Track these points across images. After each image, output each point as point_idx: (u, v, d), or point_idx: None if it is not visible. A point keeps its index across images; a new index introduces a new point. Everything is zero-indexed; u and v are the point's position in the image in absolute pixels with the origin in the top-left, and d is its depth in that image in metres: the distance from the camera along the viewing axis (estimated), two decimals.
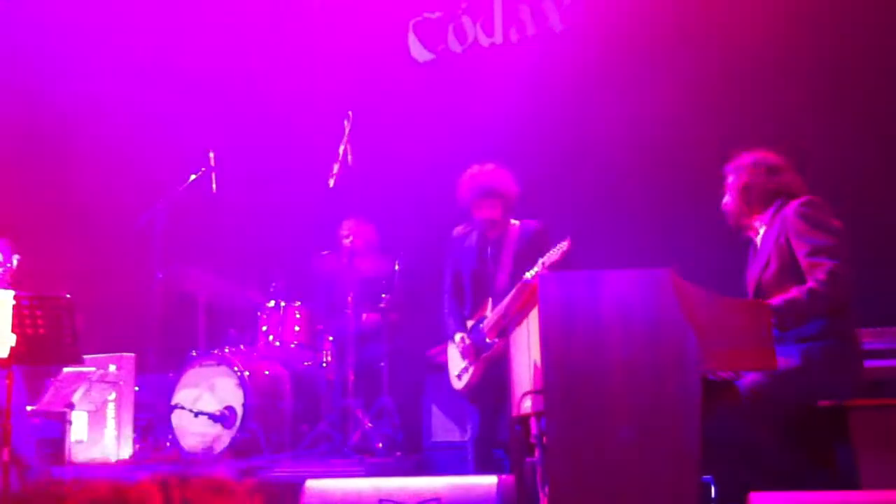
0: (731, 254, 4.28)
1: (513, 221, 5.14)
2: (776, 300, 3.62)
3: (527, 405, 3.59)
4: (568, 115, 6.85)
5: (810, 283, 3.64)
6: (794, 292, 3.64)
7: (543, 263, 4.45)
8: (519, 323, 3.90)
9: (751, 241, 4.10)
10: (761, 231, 4.01)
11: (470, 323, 5.07)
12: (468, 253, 5.18)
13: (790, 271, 3.77)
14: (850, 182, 5.73)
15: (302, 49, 8.04)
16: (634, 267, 3.31)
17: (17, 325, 4.89)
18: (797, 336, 3.69)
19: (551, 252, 4.42)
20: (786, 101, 6.15)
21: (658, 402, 3.14)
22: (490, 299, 4.97)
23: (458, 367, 5.05)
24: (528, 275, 4.53)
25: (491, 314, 4.90)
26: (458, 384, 5.05)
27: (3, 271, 6.32)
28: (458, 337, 5.06)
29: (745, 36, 6.34)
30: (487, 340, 4.88)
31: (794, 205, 3.86)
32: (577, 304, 3.24)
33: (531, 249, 4.77)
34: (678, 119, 6.39)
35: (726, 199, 4.11)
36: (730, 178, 4.11)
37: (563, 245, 4.40)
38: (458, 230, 5.32)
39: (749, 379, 3.64)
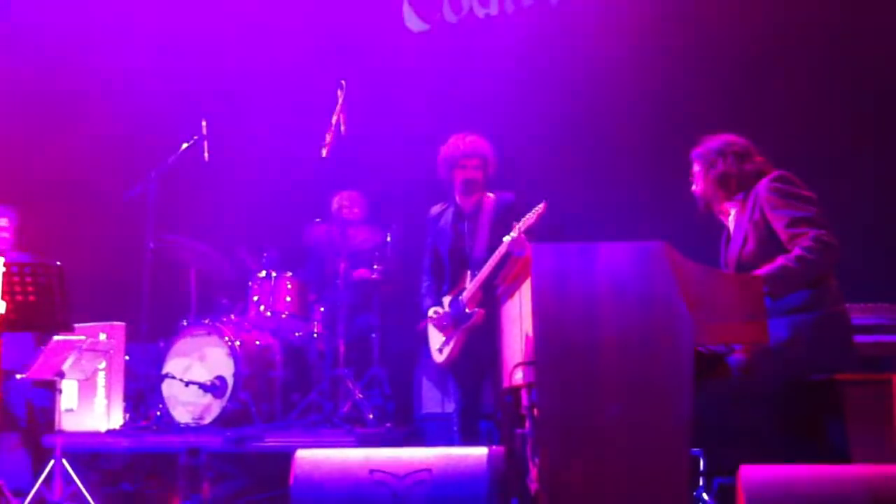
0: (719, 231, 4.28)
1: (489, 195, 5.15)
2: (764, 269, 3.62)
3: (518, 376, 3.59)
4: (562, 87, 6.81)
5: (797, 251, 3.63)
6: (782, 260, 3.64)
7: (520, 228, 4.46)
8: (511, 295, 3.89)
9: (723, 226, 4.10)
10: (732, 213, 4.01)
11: (447, 298, 5.09)
12: (444, 229, 5.23)
13: (770, 245, 3.76)
14: (839, 158, 5.74)
15: (296, 18, 7.96)
16: (626, 240, 3.29)
17: (7, 293, 4.88)
18: (784, 308, 3.69)
19: (528, 215, 4.44)
20: (778, 81, 6.15)
21: (649, 375, 3.14)
22: (468, 272, 5.00)
23: (437, 341, 5.09)
24: (505, 239, 4.56)
25: (469, 285, 4.92)
26: (440, 357, 5.08)
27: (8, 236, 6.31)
28: (431, 311, 5.12)
29: (742, 13, 6.31)
30: (467, 311, 4.90)
31: (764, 182, 3.85)
32: (571, 276, 3.23)
33: (507, 220, 4.78)
34: (673, 93, 6.38)
35: (696, 185, 4.10)
36: (697, 167, 4.09)
37: (539, 208, 4.42)
38: (434, 209, 5.37)
39: (740, 353, 3.64)
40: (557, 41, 6.97)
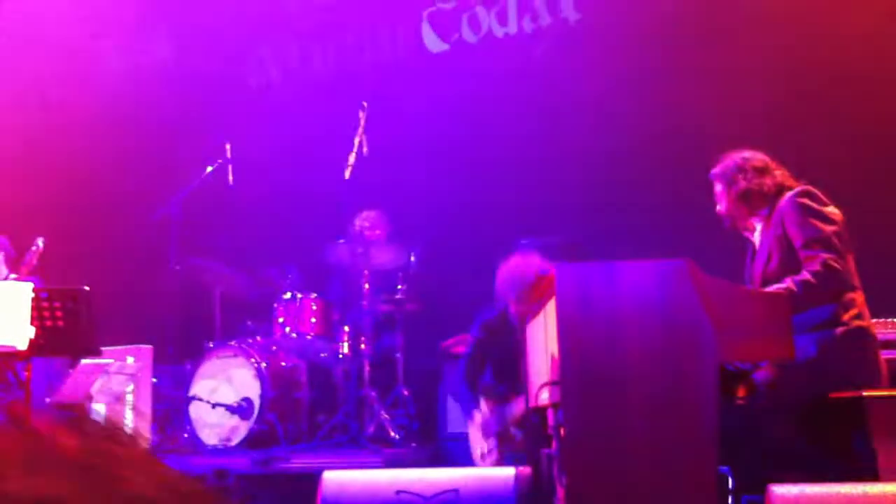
0: (742, 245, 4.27)
1: None
2: (771, 290, 3.62)
3: (544, 396, 3.59)
4: (582, 105, 6.83)
5: (804, 275, 3.63)
6: (788, 282, 3.64)
7: None
8: (536, 314, 3.90)
9: (748, 242, 4.10)
10: (758, 228, 4.01)
11: (497, 407, 4.96)
12: (500, 343, 5.04)
13: (793, 261, 3.76)
14: (860, 174, 5.72)
15: (317, 40, 8.04)
16: (649, 258, 3.30)
17: (37, 318, 4.93)
18: (809, 323, 3.68)
19: None
20: (798, 99, 6.13)
21: (676, 393, 3.14)
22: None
23: (480, 447, 4.97)
24: None
25: (516, 405, 4.80)
26: (481, 464, 4.93)
27: (29, 255, 6.33)
28: (478, 417, 4.99)
29: (760, 30, 6.31)
30: (512, 432, 4.82)
31: (787, 197, 3.86)
32: (594, 295, 3.24)
33: None
34: (694, 111, 6.37)
35: (720, 205, 4.10)
36: (719, 186, 4.09)
37: None
38: (486, 315, 5.19)
39: (765, 369, 3.63)
40: (576, 59, 6.99)
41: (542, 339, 3.67)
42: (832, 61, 6.09)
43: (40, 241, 6.30)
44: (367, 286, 6.08)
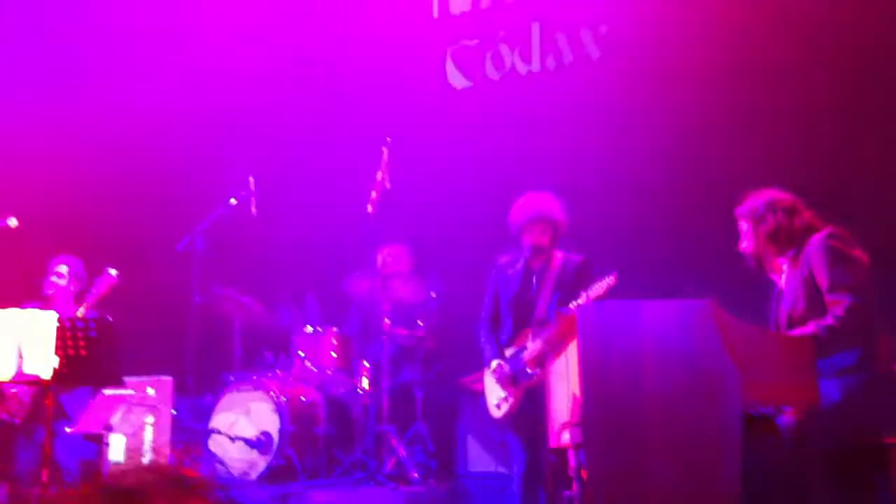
0: (766, 284, 4.24)
1: (556, 255, 5.12)
2: (795, 333, 3.59)
3: (565, 437, 3.57)
4: (605, 142, 6.82)
5: (828, 320, 3.61)
6: (812, 327, 3.61)
7: (588, 296, 4.41)
8: (558, 354, 3.89)
9: (774, 284, 4.07)
10: (784, 270, 3.98)
11: (509, 351, 5.01)
12: (512, 280, 5.12)
13: (819, 304, 3.73)
14: (891, 213, 5.67)
15: (341, 75, 8.11)
16: (670, 297, 3.28)
17: (60, 347, 4.94)
18: (834, 368, 3.64)
19: (597, 285, 4.39)
20: (823, 132, 6.10)
21: (698, 437, 3.11)
22: (530, 330, 4.93)
23: (496, 395, 5.00)
24: (572, 305, 4.49)
25: (532, 344, 4.84)
26: (497, 413, 4.99)
27: (97, 285, 6.27)
28: (494, 363, 5.00)
29: (780, 69, 6.30)
30: (528, 371, 4.83)
31: (816, 239, 3.83)
32: (617, 335, 3.22)
33: (573, 281, 4.78)
34: (718, 148, 6.35)
35: (746, 243, 4.08)
36: (745, 224, 4.07)
37: (610, 279, 4.37)
38: (503, 258, 5.26)
39: (789, 414, 3.59)
40: (599, 96, 7.00)
41: (564, 378, 3.66)
42: (856, 101, 6.06)
43: (113, 271, 6.26)
44: (387, 320, 6.08)
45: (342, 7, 8.41)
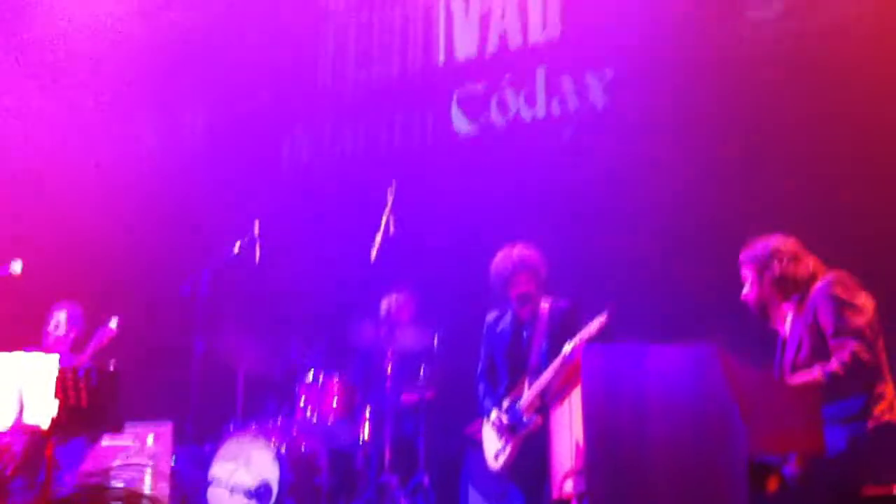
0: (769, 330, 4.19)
1: (542, 303, 5.13)
2: (799, 378, 3.56)
3: (568, 487, 3.50)
4: (609, 190, 6.80)
5: (833, 365, 3.58)
6: (817, 373, 3.58)
7: (581, 338, 4.43)
8: (561, 401, 3.82)
9: (777, 332, 4.03)
10: (789, 317, 3.95)
11: (506, 402, 5.03)
12: (503, 334, 5.23)
13: (824, 351, 3.71)
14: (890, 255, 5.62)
15: (346, 119, 8.14)
16: (672, 341, 3.23)
17: (61, 393, 4.89)
18: (839, 416, 3.60)
19: (590, 325, 4.42)
20: (822, 181, 6.05)
21: (704, 485, 3.05)
22: (526, 379, 4.95)
23: (494, 446, 5.01)
24: (566, 348, 4.51)
25: (527, 392, 4.87)
26: (495, 464, 4.99)
27: (98, 336, 6.22)
28: (493, 414, 5.03)
29: (782, 121, 6.27)
30: (524, 419, 4.83)
31: (821, 285, 3.82)
32: (621, 379, 3.18)
33: (563, 328, 4.85)
34: (721, 198, 6.31)
35: (749, 289, 4.05)
36: (749, 270, 4.04)
37: (602, 318, 4.39)
38: (490, 316, 5.37)
39: (794, 463, 3.52)
40: (603, 143, 6.99)
41: (567, 426, 3.59)
42: (854, 150, 6.02)
43: (114, 323, 6.23)
44: (390, 369, 6.02)
45: (347, 52, 8.46)
